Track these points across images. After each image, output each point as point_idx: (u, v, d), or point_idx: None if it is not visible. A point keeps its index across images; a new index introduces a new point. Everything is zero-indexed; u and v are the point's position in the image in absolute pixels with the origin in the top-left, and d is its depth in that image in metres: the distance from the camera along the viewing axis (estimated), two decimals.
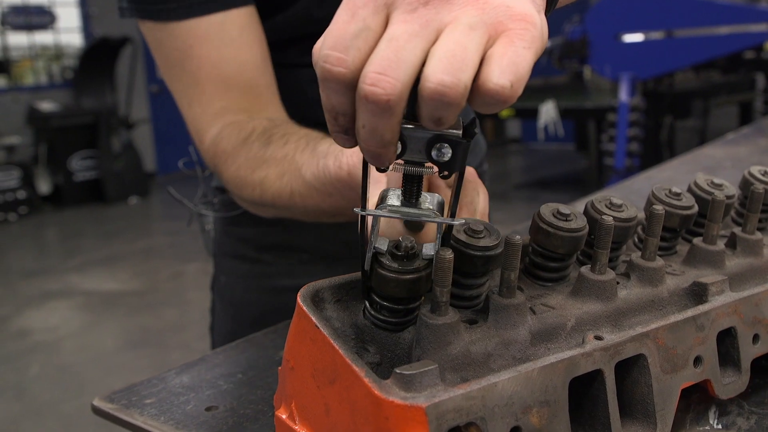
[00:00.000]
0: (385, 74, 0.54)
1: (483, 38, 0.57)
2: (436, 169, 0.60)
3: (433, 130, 0.58)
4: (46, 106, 10.02)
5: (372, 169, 0.63)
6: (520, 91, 0.58)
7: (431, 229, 0.76)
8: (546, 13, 0.70)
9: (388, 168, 0.61)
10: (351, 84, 0.56)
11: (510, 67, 0.56)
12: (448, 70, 0.54)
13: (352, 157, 0.93)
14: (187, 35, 1.17)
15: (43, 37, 11.28)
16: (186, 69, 1.20)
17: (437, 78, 0.54)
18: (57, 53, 11.39)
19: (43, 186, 9.96)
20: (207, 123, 1.21)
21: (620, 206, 0.80)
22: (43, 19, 11.15)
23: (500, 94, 0.56)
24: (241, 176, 1.15)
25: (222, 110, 1.20)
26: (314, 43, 0.58)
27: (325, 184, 0.99)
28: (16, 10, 10.82)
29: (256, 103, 1.21)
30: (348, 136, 0.60)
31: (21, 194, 9.51)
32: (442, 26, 0.57)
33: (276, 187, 1.09)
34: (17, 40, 11.04)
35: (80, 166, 10.09)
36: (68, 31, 11.37)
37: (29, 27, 11.00)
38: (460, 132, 0.58)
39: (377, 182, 0.82)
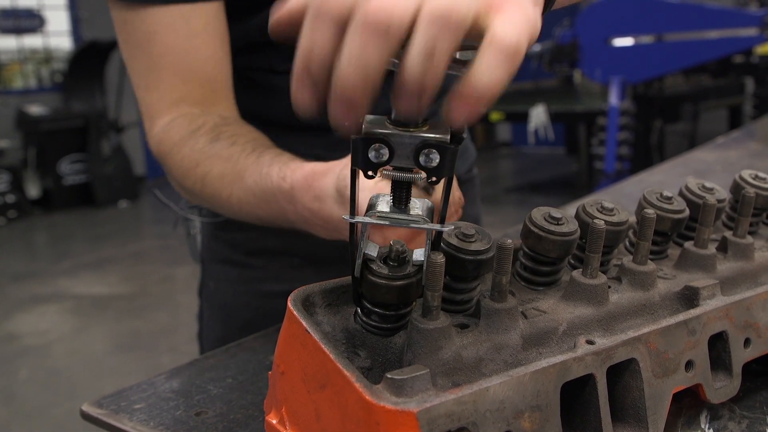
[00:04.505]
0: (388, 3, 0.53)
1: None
2: (424, 174, 0.60)
3: (421, 136, 0.58)
4: (36, 109, 9.99)
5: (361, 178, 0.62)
6: (524, 47, 0.56)
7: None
8: (544, 10, 0.70)
9: (376, 173, 0.60)
10: (345, 19, 0.54)
11: (513, 23, 0.56)
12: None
13: (296, 172, 0.98)
14: (152, 21, 1.19)
15: (32, 41, 11.24)
16: (147, 53, 1.21)
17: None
18: (46, 57, 11.35)
19: (33, 190, 9.92)
20: (161, 110, 1.22)
21: (612, 210, 0.80)
22: (32, 22, 11.11)
23: (508, 46, 0.55)
24: (185, 167, 1.17)
25: (178, 100, 1.21)
26: (292, 48, 0.58)
27: (265, 192, 1.03)
28: (5, 13, 10.79)
29: (212, 97, 1.23)
30: (314, 89, 0.56)
31: (10, 198, 9.48)
32: None
33: (216, 186, 1.12)
34: (6, 43, 11.00)
35: (70, 170, 10.06)
36: (57, 34, 11.34)
37: (18, 30, 10.96)
38: (448, 137, 0.58)
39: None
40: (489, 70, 0.55)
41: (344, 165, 0.94)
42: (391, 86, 0.56)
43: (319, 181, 0.97)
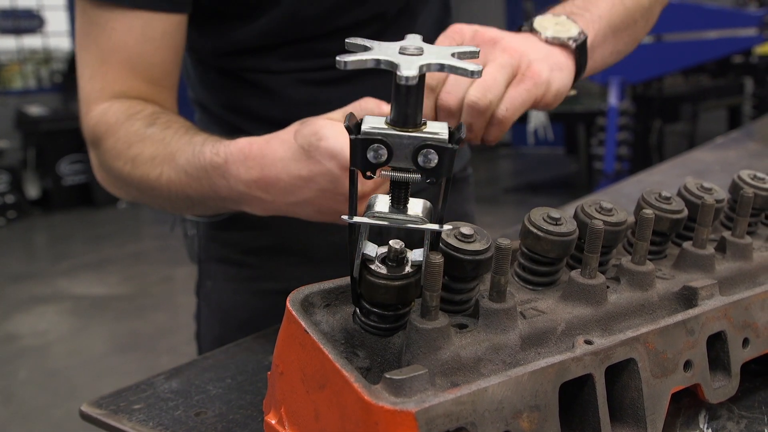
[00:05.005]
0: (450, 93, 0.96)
1: (508, 73, 0.97)
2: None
3: (420, 136, 0.58)
4: (35, 110, 9.99)
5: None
6: (513, 116, 0.97)
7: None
8: (576, 77, 1.08)
9: (375, 174, 0.61)
10: None
11: (509, 101, 0.97)
12: (480, 91, 0.94)
13: (229, 146, 1.02)
14: (112, 18, 1.21)
15: (31, 41, 11.24)
16: (100, 46, 1.23)
17: (472, 95, 0.94)
18: (45, 57, 11.35)
19: (32, 190, 9.93)
20: (101, 99, 1.24)
21: (610, 210, 0.80)
22: (32, 22, 11.11)
23: (497, 116, 0.97)
24: (118, 149, 1.19)
25: (120, 93, 1.24)
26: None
27: (197, 169, 1.06)
28: (5, 13, 10.79)
29: (153, 97, 1.25)
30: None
31: (9, 199, 9.48)
32: (488, 62, 0.97)
33: (146, 167, 1.14)
34: (5, 43, 11.00)
35: (69, 170, 10.06)
36: (57, 35, 11.34)
37: (18, 31, 10.96)
38: (447, 138, 0.58)
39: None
40: (488, 134, 1.00)
41: (296, 129, 0.98)
42: (391, 86, 0.57)
43: (263, 149, 0.99)
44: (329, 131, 0.92)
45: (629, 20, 1.21)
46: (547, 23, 1.07)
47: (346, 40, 0.58)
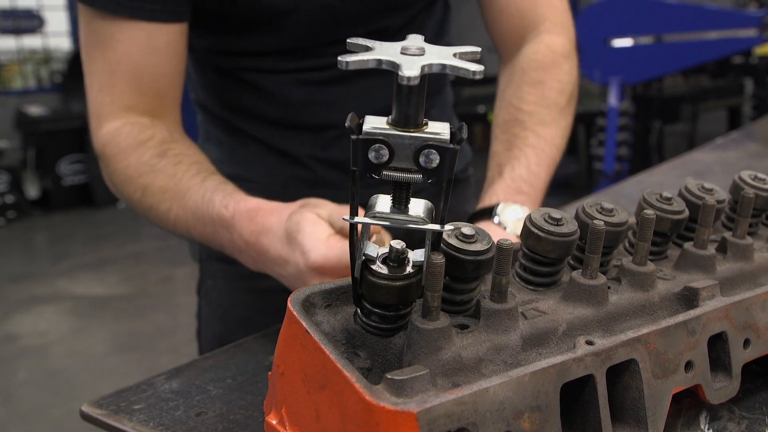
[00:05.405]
0: None
1: None
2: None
3: (421, 136, 0.58)
4: (35, 110, 9.97)
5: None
6: None
7: None
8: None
9: (378, 174, 0.60)
10: None
11: None
12: None
13: (239, 204, 1.08)
14: (115, 29, 1.22)
15: (31, 41, 11.22)
16: (105, 57, 1.24)
17: None
18: (45, 57, 11.33)
19: (32, 190, 9.91)
20: (111, 113, 1.26)
21: (611, 211, 0.80)
22: (32, 22, 11.09)
23: None
24: (128, 175, 1.22)
25: (128, 108, 1.25)
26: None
27: (204, 216, 1.12)
28: (4, 13, 10.77)
29: (161, 110, 1.28)
30: None
31: (9, 199, 9.46)
32: None
33: (156, 199, 1.18)
34: (5, 43, 10.98)
35: (69, 171, 10.04)
36: (57, 35, 11.32)
37: (17, 31, 10.94)
38: (448, 138, 0.58)
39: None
40: None
41: (293, 210, 1.03)
42: (392, 86, 0.57)
43: (265, 218, 1.05)
44: (308, 227, 0.98)
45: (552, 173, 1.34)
46: (508, 216, 1.18)
47: (348, 40, 0.58)
